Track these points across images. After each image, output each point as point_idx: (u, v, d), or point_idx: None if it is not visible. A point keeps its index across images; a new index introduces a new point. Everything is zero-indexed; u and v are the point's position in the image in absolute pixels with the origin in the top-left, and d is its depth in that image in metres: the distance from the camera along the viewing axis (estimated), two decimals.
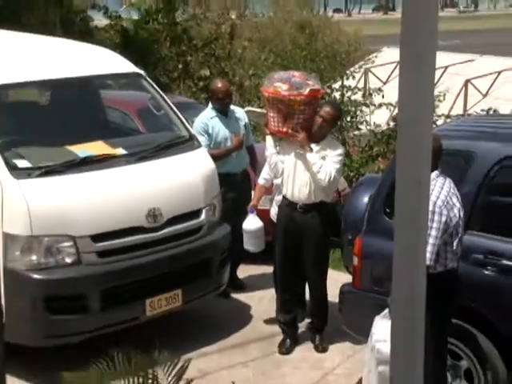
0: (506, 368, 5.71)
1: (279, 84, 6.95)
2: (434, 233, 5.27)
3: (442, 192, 5.37)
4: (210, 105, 8.46)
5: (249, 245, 7.70)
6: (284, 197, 7.20)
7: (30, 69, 7.54)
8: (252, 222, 7.60)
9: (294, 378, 6.80)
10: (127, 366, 4.13)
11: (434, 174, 5.38)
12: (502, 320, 5.65)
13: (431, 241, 5.24)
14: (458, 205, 5.42)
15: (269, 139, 7.20)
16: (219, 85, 8.46)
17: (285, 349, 7.30)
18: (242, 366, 6.97)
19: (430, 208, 5.20)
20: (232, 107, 8.47)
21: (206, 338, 7.40)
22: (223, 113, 8.30)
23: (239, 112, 8.47)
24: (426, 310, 4.77)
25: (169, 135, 7.99)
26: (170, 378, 4.15)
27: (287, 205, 7.17)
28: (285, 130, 7.00)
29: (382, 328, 5.47)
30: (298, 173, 7.06)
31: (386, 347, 5.33)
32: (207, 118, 8.28)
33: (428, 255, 5.16)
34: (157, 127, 8.70)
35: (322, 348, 7.33)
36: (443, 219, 5.30)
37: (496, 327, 5.67)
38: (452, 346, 5.83)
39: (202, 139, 8.00)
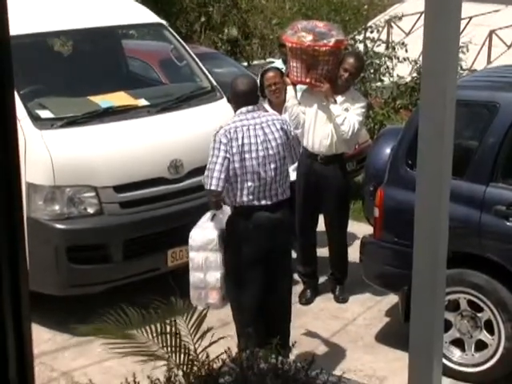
0: None
1: (303, 34, 6.86)
2: (219, 160, 5.38)
3: (231, 124, 5.50)
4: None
5: None
6: (304, 148, 7.16)
7: (52, 19, 7.53)
8: None
9: (314, 327, 6.85)
10: (145, 315, 4.16)
11: (239, 111, 5.56)
12: None
13: (217, 167, 5.38)
14: (240, 142, 5.43)
15: (290, 90, 7.14)
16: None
17: (305, 299, 7.35)
18: None
19: (212, 138, 5.46)
20: None
21: None
22: None
23: None
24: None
25: (191, 86, 7.97)
26: (189, 326, 4.18)
27: (308, 156, 7.13)
28: (308, 80, 6.95)
29: (201, 219, 5.67)
30: (320, 124, 7.02)
31: (197, 233, 5.63)
32: None
33: (207, 180, 5.41)
34: (179, 78, 8.68)
35: (342, 299, 7.37)
36: (222, 147, 5.39)
37: None
38: (473, 297, 5.85)
39: None
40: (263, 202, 5.53)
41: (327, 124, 7.00)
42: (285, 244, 5.75)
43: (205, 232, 5.63)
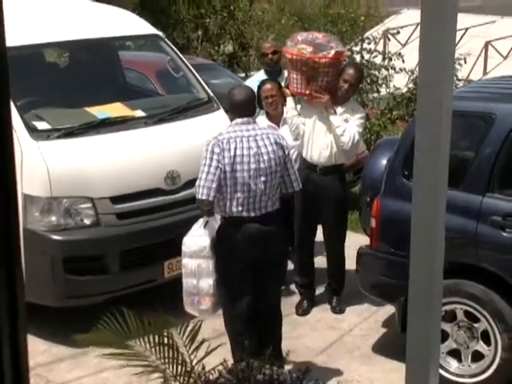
0: None
1: (303, 46, 6.89)
2: (212, 170, 5.41)
3: (224, 134, 5.52)
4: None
5: None
6: (304, 159, 7.18)
7: (48, 30, 7.54)
8: None
9: (311, 338, 6.84)
10: (141, 326, 4.17)
11: (234, 121, 5.60)
12: None
13: (210, 177, 5.40)
14: (232, 153, 5.45)
15: (289, 101, 7.17)
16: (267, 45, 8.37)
17: (302, 310, 7.34)
18: None
19: (204, 148, 5.52)
20: None
21: None
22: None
23: None
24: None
25: (187, 97, 7.99)
26: (184, 338, 4.19)
27: (307, 167, 7.14)
28: (308, 92, 6.97)
29: (195, 226, 5.70)
30: (320, 135, 7.04)
31: (190, 240, 5.65)
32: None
33: (199, 190, 5.42)
34: (175, 89, 8.69)
35: (338, 309, 7.37)
36: (214, 157, 5.42)
37: None
38: (469, 307, 5.85)
39: None
40: (252, 214, 5.55)
41: (327, 135, 7.02)
42: (277, 255, 5.75)
43: (197, 239, 5.65)
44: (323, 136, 7.04)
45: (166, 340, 4.09)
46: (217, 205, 5.56)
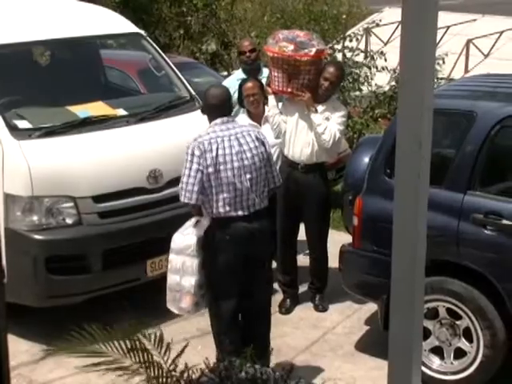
0: (505, 327, 5.75)
1: (284, 44, 6.89)
2: (192, 173, 5.42)
3: (204, 135, 5.52)
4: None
5: None
6: (285, 157, 7.19)
7: (30, 29, 7.52)
8: None
9: (294, 337, 6.85)
10: (110, 334, 4.16)
11: (213, 122, 5.60)
12: (501, 279, 5.68)
13: (190, 180, 5.41)
14: (214, 153, 5.46)
15: (271, 99, 7.17)
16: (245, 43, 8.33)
17: (285, 309, 7.35)
18: None
19: (186, 151, 5.49)
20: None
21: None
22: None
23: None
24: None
25: (169, 96, 7.97)
26: (152, 341, 4.20)
27: (288, 165, 7.15)
28: (289, 90, 6.98)
29: (185, 224, 5.72)
30: (301, 133, 7.05)
31: (178, 237, 5.67)
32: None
33: (181, 192, 5.46)
34: (157, 88, 8.68)
35: (321, 308, 7.37)
36: (194, 160, 5.43)
37: (495, 286, 5.70)
38: (451, 305, 5.88)
39: None
40: (240, 213, 5.54)
41: (308, 133, 7.03)
42: (264, 253, 5.76)
43: (185, 237, 5.66)
44: (305, 134, 7.05)
45: (137, 345, 4.08)
46: (203, 206, 5.56)
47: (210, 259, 5.60)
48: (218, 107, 5.63)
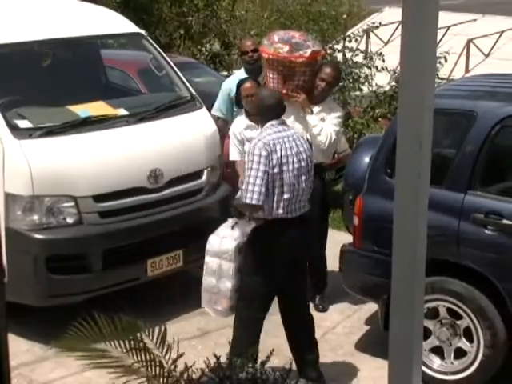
0: (505, 327, 5.75)
1: (280, 45, 6.86)
2: (260, 174, 5.36)
3: (266, 136, 5.48)
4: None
5: None
6: None
7: (31, 28, 7.51)
8: None
9: None
10: (113, 331, 4.16)
11: (269, 123, 5.55)
12: (501, 279, 5.68)
13: (258, 181, 5.35)
14: (279, 153, 5.45)
15: None
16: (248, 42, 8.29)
17: None
18: None
19: (250, 151, 5.42)
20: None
21: None
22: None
23: None
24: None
25: (170, 96, 7.97)
26: (154, 341, 4.20)
27: None
28: (284, 91, 6.94)
29: (224, 225, 5.75)
30: None
31: (215, 240, 5.68)
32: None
33: (247, 194, 5.35)
34: (158, 88, 8.68)
35: (321, 308, 7.37)
36: (262, 160, 5.38)
37: (496, 286, 5.70)
38: (452, 304, 5.88)
39: None
40: (294, 215, 5.56)
41: (304, 134, 6.98)
42: (307, 257, 5.88)
43: (223, 240, 5.67)
44: None
45: (138, 344, 4.09)
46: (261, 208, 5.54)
47: (258, 262, 5.56)
48: (275, 108, 5.64)
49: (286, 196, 5.47)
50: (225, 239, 5.66)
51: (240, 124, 7.22)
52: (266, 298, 5.67)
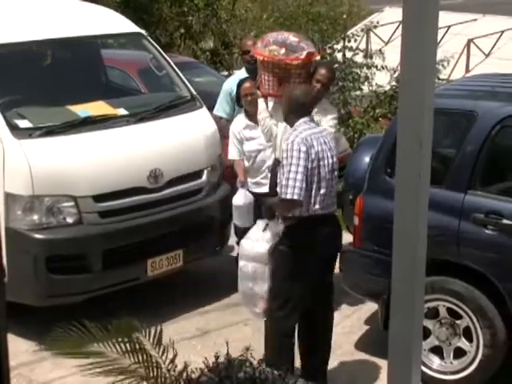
0: (505, 326, 5.75)
1: (275, 47, 6.76)
2: (300, 169, 5.34)
3: (301, 133, 5.48)
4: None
5: (238, 220, 7.27)
6: (277, 160, 7.04)
7: (30, 28, 7.51)
8: (242, 197, 7.15)
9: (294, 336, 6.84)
10: (108, 332, 4.17)
11: (302, 120, 5.56)
12: (501, 279, 5.68)
13: (299, 177, 5.32)
14: (317, 148, 5.46)
15: (261, 102, 6.92)
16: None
17: None
18: (242, 325, 7.01)
19: (289, 147, 5.38)
20: None
21: (206, 297, 7.46)
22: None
23: None
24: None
25: (170, 95, 7.97)
26: (151, 341, 4.20)
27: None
28: (280, 93, 6.82)
29: (254, 228, 5.73)
30: None
31: (248, 244, 5.63)
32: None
33: (288, 190, 5.31)
34: (158, 87, 8.67)
35: None
36: (302, 156, 5.36)
37: (496, 286, 5.70)
38: (452, 304, 5.88)
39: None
40: (327, 211, 5.56)
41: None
42: (339, 252, 5.93)
43: (255, 244, 5.63)
44: None
45: (135, 345, 4.09)
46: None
47: (294, 261, 5.51)
48: (308, 105, 5.67)
49: (322, 191, 5.46)
50: (257, 242, 5.62)
51: (239, 123, 7.20)
52: (301, 298, 5.63)
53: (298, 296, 5.61)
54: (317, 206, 5.48)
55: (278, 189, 5.45)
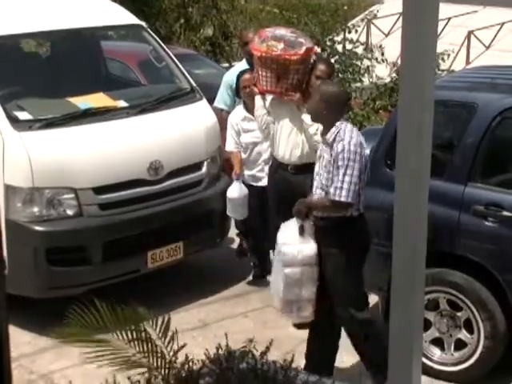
0: (505, 318, 5.75)
1: (273, 43, 6.65)
2: (356, 172, 5.29)
3: (353, 133, 5.42)
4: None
5: (232, 212, 7.41)
6: (274, 157, 7.01)
7: (30, 20, 7.50)
8: (236, 190, 7.25)
9: (294, 328, 6.85)
10: (116, 320, 4.17)
11: (344, 119, 5.51)
12: (501, 271, 5.68)
13: (354, 180, 5.28)
14: (365, 151, 5.46)
15: (258, 99, 6.88)
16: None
17: None
18: (242, 317, 7.03)
19: (346, 148, 5.27)
20: None
21: (207, 289, 7.46)
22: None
23: None
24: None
25: (170, 87, 7.96)
26: (157, 331, 4.20)
27: (278, 165, 6.91)
28: (278, 90, 6.70)
29: (286, 232, 5.62)
30: (291, 134, 6.74)
31: (292, 249, 5.53)
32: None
33: (343, 193, 5.28)
34: (158, 79, 8.67)
35: None
36: (357, 158, 5.32)
37: (496, 278, 5.71)
38: (452, 296, 5.88)
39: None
40: (363, 210, 5.54)
41: (298, 134, 6.72)
42: None
43: (300, 247, 5.53)
44: (294, 135, 6.73)
45: (141, 334, 4.09)
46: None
47: (349, 262, 5.48)
48: (346, 105, 5.65)
49: (362, 191, 5.45)
50: (302, 245, 5.53)
51: (238, 115, 7.19)
52: (364, 296, 5.68)
53: (362, 295, 5.66)
54: (361, 206, 5.48)
55: (332, 190, 5.34)
